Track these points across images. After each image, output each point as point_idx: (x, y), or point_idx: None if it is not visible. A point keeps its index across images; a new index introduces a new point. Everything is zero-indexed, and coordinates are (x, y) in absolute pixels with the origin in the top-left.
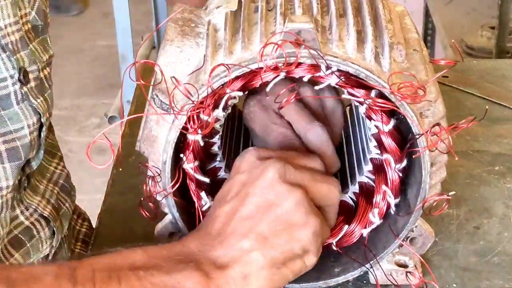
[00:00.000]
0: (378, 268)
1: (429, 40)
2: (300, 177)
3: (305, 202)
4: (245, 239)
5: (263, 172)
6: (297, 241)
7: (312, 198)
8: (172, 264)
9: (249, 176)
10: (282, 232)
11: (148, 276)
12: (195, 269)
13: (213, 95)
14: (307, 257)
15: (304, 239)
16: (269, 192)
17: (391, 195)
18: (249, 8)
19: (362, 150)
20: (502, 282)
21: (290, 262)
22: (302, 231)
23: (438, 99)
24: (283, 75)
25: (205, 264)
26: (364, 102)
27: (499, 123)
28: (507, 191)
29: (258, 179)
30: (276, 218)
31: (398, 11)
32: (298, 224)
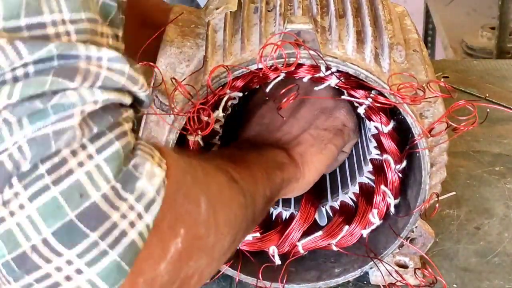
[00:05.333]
0: (378, 268)
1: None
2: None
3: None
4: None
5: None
6: (334, 118)
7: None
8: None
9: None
10: (320, 114)
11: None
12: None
13: (213, 96)
14: (347, 132)
15: (340, 116)
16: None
17: (391, 195)
18: (249, 8)
19: (362, 151)
20: (502, 282)
21: (334, 138)
22: (336, 110)
23: (438, 99)
24: (283, 75)
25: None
26: (365, 101)
27: (499, 124)
28: (508, 192)
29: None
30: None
31: (398, 12)
32: (331, 106)
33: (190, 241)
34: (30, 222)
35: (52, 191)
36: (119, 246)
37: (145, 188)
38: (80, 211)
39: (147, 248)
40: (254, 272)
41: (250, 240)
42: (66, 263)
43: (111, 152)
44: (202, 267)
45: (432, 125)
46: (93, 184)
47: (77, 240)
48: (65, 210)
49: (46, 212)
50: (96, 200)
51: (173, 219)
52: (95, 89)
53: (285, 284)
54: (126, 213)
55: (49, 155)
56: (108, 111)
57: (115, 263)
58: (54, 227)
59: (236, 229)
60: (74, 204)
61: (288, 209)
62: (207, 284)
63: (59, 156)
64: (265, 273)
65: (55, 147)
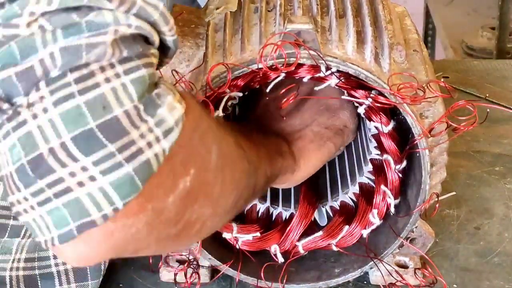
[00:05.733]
0: (378, 268)
1: (430, 41)
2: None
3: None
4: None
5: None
6: (337, 118)
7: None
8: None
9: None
10: (324, 112)
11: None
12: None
13: (212, 95)
14: (347, 133)
15: (343, 117)
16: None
17: (391, 195)
18: (249, 8)
19: (362, 151)
20: (502, 282)
21: (334, 137)
22: (340, 111)
23: (438, 99)
24: (283, 75)
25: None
26: (365, 101)
27: (499, 124)
28: (508, 192)
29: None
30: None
31: (398, 12)
32: (336, 105)
33: (197, 183)
34: (51, 126)
35: (77, 100)
36: (134, 161)
37: (165, 116)
38: (101, 121)
39: (159, 176)
40: (254, 272)
41: (250, 240)
42: (80, 169)
43: (137, 76)
44: (205, 216)
45: (432, 125)
46: (117, 99)
47: (94, 149)
48: (87, 119)
49: (68, 118)
50: (118, 114)
51: (186, 157)
52: (130, 15)
53: (285, 284)
54: (145, 134)
55: (79, 66)
56: (138, 41)
57: (128, 176)
58: (74, 133)
59: (239, 191)
60: (96, 115)
61: (288, 209)
62: (207, 284)
63: (88, 69)
64: (265, 273)
65: (85, 59)
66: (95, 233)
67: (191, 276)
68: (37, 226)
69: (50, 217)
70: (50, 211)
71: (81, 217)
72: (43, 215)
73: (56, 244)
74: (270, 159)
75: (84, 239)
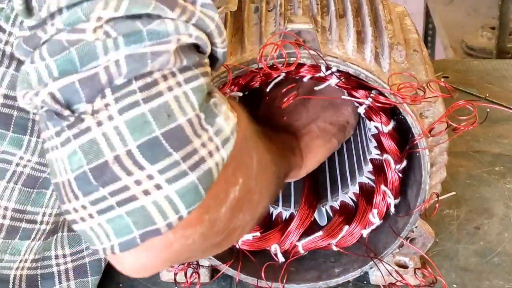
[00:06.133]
0: (378, 268)
1: (430, 41)
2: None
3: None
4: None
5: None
6: (341, 114)
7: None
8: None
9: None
10: (329, 107)
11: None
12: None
13: None
14: (348, 129)
15: (346, 113)
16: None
17: (391, 195)
18: (249, 8)
19: (362, 151)
20: (502, 282)
21: (337, 133)
22: (343, 107)
23: (438, 99)
24: (283, 75)
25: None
26: (366, 101)
27: (499, 124)
28: (507, 192)
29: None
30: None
31: (398, 12)
32: (339, 101)
33: (244, 192)
34: (117, 133)
35: (142, 108)
36: (198, 170)
37: (223, 125)
38: (166, 130)
39: (214, 187)
40: (254, 272)
41: (250, 240)
42: (146, 178)
43: (197, 85)
44: (246, 222)
45: (432, 125)
46: (180, 108)
47: (160, 157)
48: (152, 127)
49: (134, 126)
50: (182, 123)
51: (237, 166)
52: (190, 24)
53: (285, 284)
54: (206, 143)
55: (143, 74)
56: (194, 51)
57: (193, 184)
58: (140, 141)
59: (271, 194)
60: (161, 123)
61: (288, 209)
62: (207, 284)
63: (152, 77)
64: (265, 273)
65: (150, 67)
66: (157, 242)
67: (191, 276)
68: (94, 235)
69: (110, 225)
70: (111, 220)
71: (146, 225)
72: (102, 224)
73: (117, 252)
74: (286, 157)
75: (145, 248)
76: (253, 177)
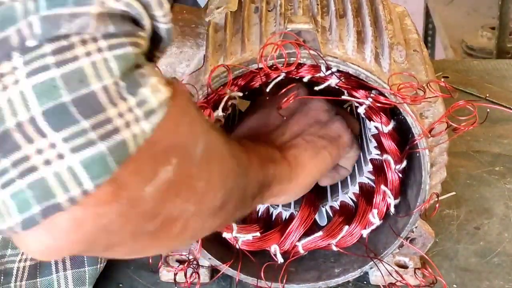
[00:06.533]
0: (378, 268)
1: (430, 41)
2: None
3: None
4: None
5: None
6: (329, 128)
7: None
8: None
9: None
10: (314, 124)
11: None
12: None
13: (213, 95)
14: (342, 143)
15: (335, 128)
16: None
17: (391, 195)
18: (249, 8)
19: (362, 151)
20: (502, 282)
21: (329, 145)
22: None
23: (438, 99)
24: (283, 75)
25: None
26: (366, 101)
27: (499, 124)
28: (507, 192)
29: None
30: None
31: (398, 12)
32: (325, 119)
33: (180, 175)
34: (22, 98)
35: (53, 72)
36: (109, 140)
37: (148, 96)
38: (76, 96)
39: (136, 162)
40: (254, 272)
41: (250, 240)
42: (48, 146)
43: (122, 53)
44: (189, 214)
45: (432, 125)
46: (96, 73)
47: (65, 124)
48: (60, 92)
49: (41, 91)
50: (95, 89)
51: (170, 144)
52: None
53: (285, 284)
54: (124, 113)
55: (58, 36)
56: (127, 22)
57: (101, 155)
58: (45, 106)
59: (227, 190)
60: (71, 88)
61: (288, 209)
62: (207, 284)
63: (68, 40)
64: (265, 273)
65: (66, 29)
66: (62, 220)
67: (191, 276)
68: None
69: (13, 201)
70: (14, 194)
71: (45, 199)
72: (6, 199)
73: (18, 231)
74: (262, 165)
75: (49, 227)
76: (196, 163)
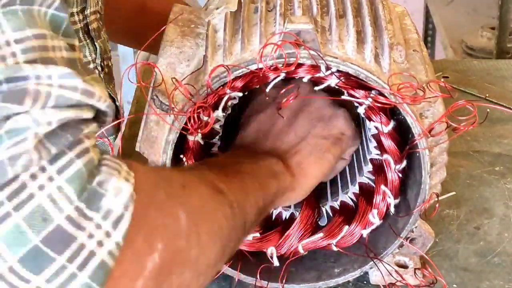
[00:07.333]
0: (378, 268)
1: (429, 41)
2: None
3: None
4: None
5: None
6: (333, 126)
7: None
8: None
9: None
10: (317, 123)
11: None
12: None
13: (213, 95)
14: (345, 140)
15: (338, 124)
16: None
17: (391, 195)
18: (249, 8)
19: (362, 151)
20: (502, 282)
21: (332, 146)
22: (334, 119)
23: (438, 99)
24: (283, 75)
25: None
26: (365, 101)
27: (499, 124)
28: (507, 192)
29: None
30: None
31: (398, 12)
32: (328, 114)
33: (169, 254)
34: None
35: (14, 218)
36: (88, 268)
37: (112, 205)
38: (44, 235)
39: (121, 265)
40: (254, 272)
41: (250, 240)
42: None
43: (73, 172)
44: (187, 280)
45: (432, 125)
46: (56, 206)
47: (44, 265)
48: (29, 236)
49: (10, 240)
50: (60, 222)
51: (148, 233)
52: (48, 109)
53: (285, 284)
54: (93, 233)
55: (7, 182)
56: (67, 129)
57: (85, 286)
58: (20, 254)
59: (222, 241)
60: (37, 229)
61: (288, 209)
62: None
63: (18, 181)
64: (265, 273)
65: (12, 173)
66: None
67: None
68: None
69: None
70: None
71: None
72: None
73: None
74: (262, 187)
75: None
76: (183, 235)
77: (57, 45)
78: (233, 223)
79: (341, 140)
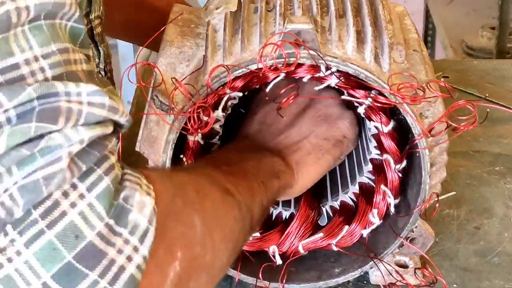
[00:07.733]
0: (378, 268)
1: (429, 41)
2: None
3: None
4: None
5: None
6: (336, 128)
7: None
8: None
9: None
10: (322, 123)
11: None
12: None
13: (213, 95)
14: (346, 143)
15: (342, 127)
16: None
17: (391, 195)
18: (249, 8)
19: (362, 151)
20: (502, 282)
21: (332, 148)
22: (339, 120)
23: (438, 99)
24: (282, 75)
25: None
26: (365, 101)
27: (499, 124)
28: (507, 192)
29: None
30: (315, 112)
31: (398, 12)
32: (335, 115)
33: (188, 262)
34: (29, 268)
35: (47, 235)
36: (119, 282)
37: (138, 219)
38: (77, 252)
39: (146, 276)
40: (254, 272)
41: (250, 240)
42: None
43: (102, 189)
44: (203, 284)
45: (432, 125)
46: (87, 223)
47: (77, 281)
48: (62, 253)
49: (43, 257)
50: (91, 239)
51: (169, 243)
52: (79, 127)
53: (285, 284)
54: (122, 248)
55: (41, 200)
56: (94, 146)
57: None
58: (53, 271)
59: (233, 243)
60: (70, 246)
61: (288, 209)
62: None
63: (51, 199)
64: (265, 273)
65: (46, 192)
66: None
67: None
68: None
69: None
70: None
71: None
72: None
73: None
74: (266, 187)
75: None
76: (198, 242)
77: (78, 58)
78: (241, 225)
79: (342, 143)
